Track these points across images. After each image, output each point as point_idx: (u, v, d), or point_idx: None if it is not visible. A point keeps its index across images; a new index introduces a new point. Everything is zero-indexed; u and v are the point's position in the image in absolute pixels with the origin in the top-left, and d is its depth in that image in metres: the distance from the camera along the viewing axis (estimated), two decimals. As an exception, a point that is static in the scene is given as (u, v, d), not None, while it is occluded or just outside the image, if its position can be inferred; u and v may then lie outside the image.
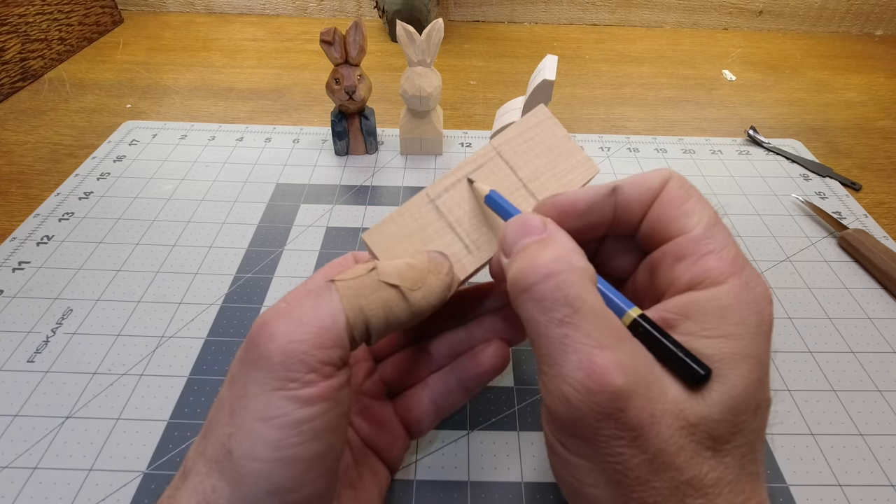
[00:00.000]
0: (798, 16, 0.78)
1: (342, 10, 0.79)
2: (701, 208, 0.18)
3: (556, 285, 0.16)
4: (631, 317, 0.17)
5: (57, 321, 0.32)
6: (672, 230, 0.18)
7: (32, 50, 0.58)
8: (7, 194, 0.43)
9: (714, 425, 0.15)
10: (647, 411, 0.15)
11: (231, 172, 0.45)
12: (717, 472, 0.15)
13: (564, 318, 0.15)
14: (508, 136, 0.23)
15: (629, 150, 0.50)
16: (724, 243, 0.17)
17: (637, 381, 0.15)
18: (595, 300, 0.16)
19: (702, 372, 0.15)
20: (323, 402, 0.17)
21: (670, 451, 0.15)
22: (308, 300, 0.18)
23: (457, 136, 0.51)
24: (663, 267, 0.18)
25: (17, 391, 0.29)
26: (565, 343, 0.15)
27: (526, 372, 0.30)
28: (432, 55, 0.41)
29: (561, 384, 0.15)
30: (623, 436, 0.15)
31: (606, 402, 0.15)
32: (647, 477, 0.15)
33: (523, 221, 0.19)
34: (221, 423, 0.17)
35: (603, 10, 0.79)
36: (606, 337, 0.15)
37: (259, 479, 0.16)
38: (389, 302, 0.18)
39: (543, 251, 0.17)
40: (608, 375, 0.15)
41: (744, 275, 0.17)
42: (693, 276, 0.17)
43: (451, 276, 0.20)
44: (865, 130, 0.55)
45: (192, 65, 0.63)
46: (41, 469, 0.25)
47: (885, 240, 0.40)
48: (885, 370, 0.31)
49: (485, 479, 0.26)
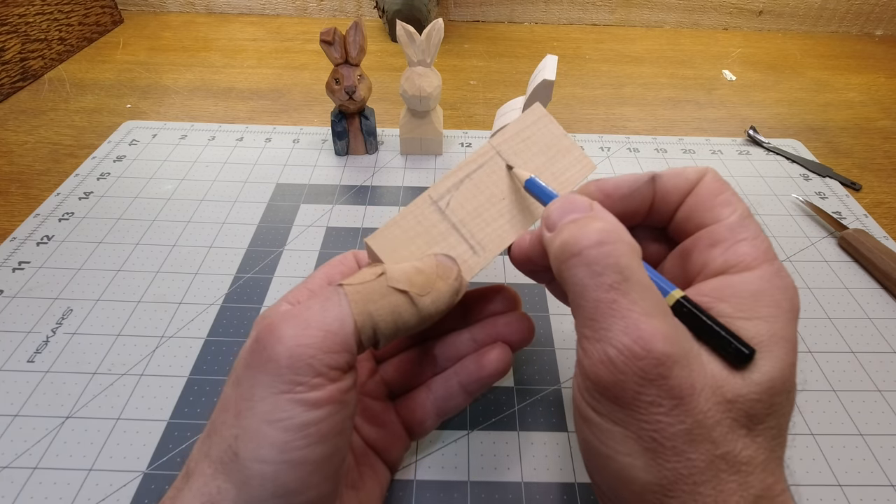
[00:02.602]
0: (798, 16, 0.78)
1: (342, 10, 0.79)
2: (736, 200, 0.19)
3: (607, 252, 0.16)
4: (674, 297, 0.17)
5: (57, 321, 0.32)
6: (707, 219, 0.19)
7: (32, 50, 0.58)
8: (7, 194, 0.43)
9: (751, 404, 0.15)
10: (688, 382, 0.15)
11: (231, 172, 0.45)
12: (749, 451, 0.15)
13: (614, 283, 0.16)
14: (507, 136, 0.23)
15: (629, 150, 0.50)
16: (758, 233, 0.18)
17: (680, 351, 0.15)
18: (642, 274, 0.16)
19: (746, 352, 0.16)
20: (329, 405, 0.17)
21: (707, 423, 0.15)
22: (315, 303, 0.18)
23: (457, 136, 0.51)
24: (696, 252, 0.19)
25: (17, 391, 0.29)
26: (613, 308, 0.16)
27: (526, 372, 0.30)
28: (432, 55, 0.41)
29: (606, 347, 0.15)
30: (663, 403, 0.15)
31: (651, 367, 0.15)
32: (683, 447, 0.15)
33: (571, 199, 0.19)
34: (227, 425, 0.17)
35: (603, 10, 0.79)
36: (653, 307, 0.16)
37: (265, 482, 0.16)
38: (398, 307, 0.18)
39: (594, 222, 0.17)
40: (654, 341, 0.15)
41: (776, 263, 0.17)
42: (727, 259, 0.17)
43: (459, 280, 0.20)
44: (865, 130, 0.55)
45: (192, 65, 0.63)
46: (41, 469, 0.25)
47: (885, 240, 0.40)
48: (885, 370, 0.31)
49: (485, 479, 0.26)
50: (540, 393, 0.29)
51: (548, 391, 0.29)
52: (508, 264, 0.37)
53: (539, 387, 0.30)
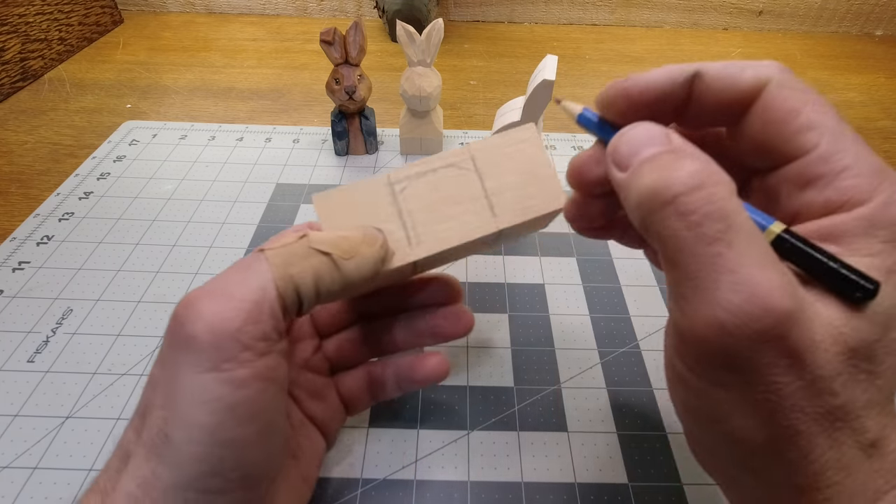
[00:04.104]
0: (798, 16, 0.78)
1: (342, 10, 0.79)
2: (821, 115, 0.15)
3: (707, 197, 0.14)
4: (774, 232, 0.15)
5: (57, 321, 0.32)
6: (788, 150, 0.16)
7: (32, 50, 0.58)
8: (7, 194, 0.43)
9: (874, 346, 0.14)
10: (808, 336, 0.13)
11: (231, 172, 0.45)
12: (868, 395, 0.14)
13: (717, 233, 0.13)
14: (488, 145, 0.22)
15: (629, 150, 0.50)
16: (859, 154, 0.15)
17: (798, 304, 0.13)
18: (746, 217, 0.14)
19: (870, 286, 0.14)
20: (258, 382, 0.16)
21: (829, 376, 0.14)
22: (235, 273, 0.17)
23: (457, 136, 0.51)
24: (785, 194, 0.16)
25: (17, 391, 0.29)
26: (718, 262, 0.13)
27: (526, 372, 0.30)
28: (432, 55, 0.41)
29: (714, 308, 0.13)
30: (781, 363, 0.13)
31: (770, 327, 0.13)
32: (801, 404, 0.14)
33: (645, 129, 0.16)
34: (156, 406, 0.16)
35: (603, 10, 0.79)
36: (763, 256, 0.14)
37: (199, 462, 0.16)
38: (320, 269, 0.18)
39: (683, 161, 0.15)
40: (772, 298, 0.13)
41: (888, 186, 0.15)
42: (828, 199, 0.15)
43: (385, 248, 0.20)
44: (865, 130, 0.55)
45: (192, 65, 0.63)
46: (41, 469, 0.25)
47: (885, 240, 0.40)
48: (885, 370, 0.31)
49: (485, 479, 0.26)
50: (540, 393, 0.29)
51: (548, 391, 0.29)
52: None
53: (539, 387, 0.30)
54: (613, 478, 0.26)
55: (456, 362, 0.31)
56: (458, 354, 0.31)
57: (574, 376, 0.30)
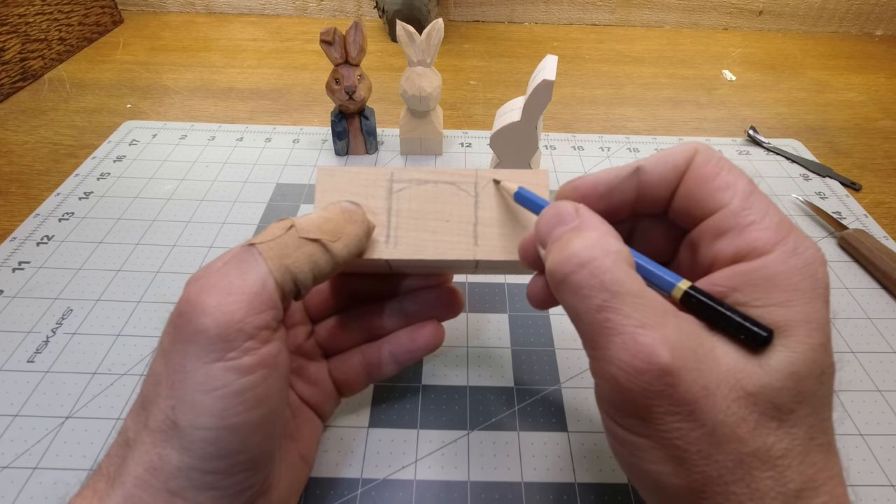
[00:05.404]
0: (798, 16, 0.78)
1: (342, 10, 0.79)
2: (734, 179, 0.17)
3: (590, 273, 0.16)
4: (681, 289, 0.16)
5: (57, 321, 0.32)
6: (707, 207, 0.18)
7: (32, 50, 0.58)
8: (7, 194, 0.43)
9: (776, 394, 0.15)
10: (699, 384, 0.14)
11: (231, 172, 0.45)
12: (784, 444, 0.15)
13: (603, 303, 0.15)
14: (499, 176, 0.22)
15: (629, 150, 0.50)
16: (765, 211, 0.17)
17: (685, 354, 0.15)
18: (632, 281, 0.16)
19: (764, 334, 0.15)
20: (263, 369, 0.17)
21: (729, 422, 0.14)
22: (232, 268, 0.18)
23: (457, 136, 0.51)
24: (704, 244, 0.18)
25: (17, 391, 0.28)
26: (607, 327, 0.15)
27: (526, 372, 0.30)
28: (432, 55, 0.41)
29: (608, 367, 0.15)
30: (677, 411, 0.14)
31: (655, 379, 0.14)
32: (708, 450, 0.14)
33: (556, 210, 0.18)
34: (162, 396, 0.17)
35: (603, 10, 0.79)
36: (648, 315, 0.15)
37: (207, 445, 0.17)
38: (313, 256, 0.19)
39: (576, 239, 0.17)
40: (653, 353, 0.14)
41: (791, 240, 0.16)
42: (737, 249, 0.16)
43: (366, 222, 0.21)
44: (865, 130, 0.55)
45: (192, 65, 0.63)
46: (41, 469, 0.25)
47: (885, 240, 0.40)
48: (885, 370, 0.31)
49: (485, 479, 0.26)
50: (540, 393, 0.29)
51: (548, 391, 0.29)
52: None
53: (539, 387, 0.30)
54: (613, 478, 0.26)
55: (456, 362, 0.31)
56: (458, 354, 0.31)
57: (574, 376, 0.30)
